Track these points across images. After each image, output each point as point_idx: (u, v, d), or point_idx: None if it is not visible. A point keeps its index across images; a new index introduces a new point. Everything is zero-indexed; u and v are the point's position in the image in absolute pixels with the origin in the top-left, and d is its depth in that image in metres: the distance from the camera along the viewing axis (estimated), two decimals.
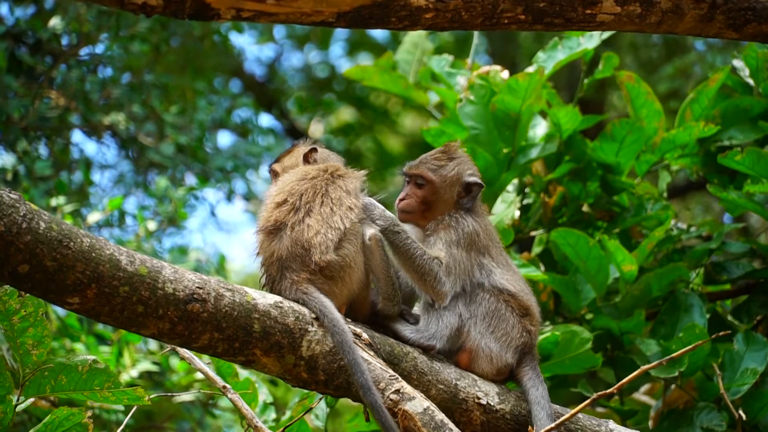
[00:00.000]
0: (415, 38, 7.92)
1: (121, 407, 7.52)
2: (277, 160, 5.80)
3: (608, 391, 4.71)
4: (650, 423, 6.89)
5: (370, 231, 5.30)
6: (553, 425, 4.86)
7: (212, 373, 5.56)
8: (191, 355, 5.51)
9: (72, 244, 4.65)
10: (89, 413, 5.15)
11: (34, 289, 4.68)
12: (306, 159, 5.68)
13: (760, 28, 5.47)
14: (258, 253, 5.31)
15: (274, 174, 5.72)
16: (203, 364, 5.59)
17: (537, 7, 5.30)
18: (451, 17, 5.22)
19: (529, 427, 4.97)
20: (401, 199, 5.60)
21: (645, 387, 7.46)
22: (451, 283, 5.40)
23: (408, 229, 5.54)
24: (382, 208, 5.42)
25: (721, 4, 5.44)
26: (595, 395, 4.66)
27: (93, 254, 4.69)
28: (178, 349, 5.45)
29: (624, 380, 4.72)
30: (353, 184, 5.40)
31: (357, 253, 5.24)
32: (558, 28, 5.39)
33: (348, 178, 5.40)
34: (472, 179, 5.60)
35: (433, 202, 5.58)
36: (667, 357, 4.81)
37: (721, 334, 5.17)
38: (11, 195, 4.60)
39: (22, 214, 4.58)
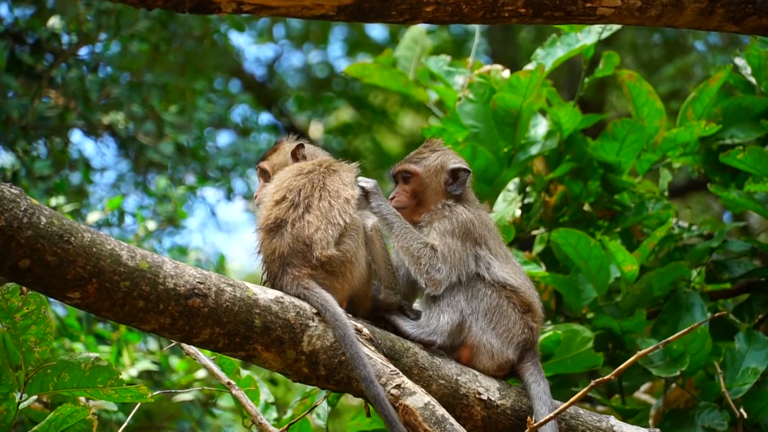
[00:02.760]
0: (415, 35, 7.92)
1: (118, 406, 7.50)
2: (263, 158, 5.80)
3: (605, 378, 4.70)
4: (650, 422, 6.88)
5: (371, 221, 5.32)
6: (552, 414, 4.85)
7: (217, 369, 5.56)
8: (196, 351, 5.52)
9: (73, 239, 4.65)
10: (93, 409, 5.14)
11: (35, 284, 4.67)
12: (294, 155, 5.70)
13: (760, 22, 5.47)
14: (259, 252, 5.32)
15: (263, 172, 5.72)
16: (208, 360, 5.59)
17: (537, 1, 5.30)
18: (452, 10, 5.21)
19: (528, 417, 4.95)
20: (391, 198, 5.64)
21: (645, 386, 7.44)
22: (446, 271, 5.41)
23: None
24: (382, 195, 5.46)
25: None
26: (593, 382, 4.65)
27: (94, 249, 4.68)
28: (184, 345, 5.46)
29: (620, 367, 4.71)
30: (348, 176, 5.42)
31: (358, 248, 5.25)
32: (558, 21, 5.39)
33: (343, 171, 5.43)
34: (456, 165, 5.66)
35: (421, 192, 5.63)
36: (663, 341, 4.78)
37: (716, 315, 5.15)
38: (12, 190, 4.60)
39: (23, 208, 4.57)
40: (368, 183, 5.49)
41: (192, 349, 5.51)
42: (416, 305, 5.60)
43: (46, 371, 4.98)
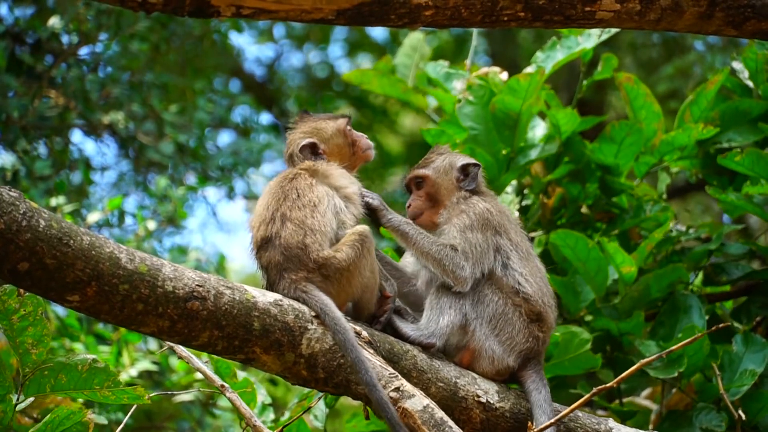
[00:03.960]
0: (413, 42, 7.92)
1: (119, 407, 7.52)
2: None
3: (607, 385, 4.70)
4: (650, 426, 6.88)
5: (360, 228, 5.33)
6: (552, 420, 4.86)
7: (210, 372, 5.55)
8: (189, 354, 5.52)
9: (72, 242, 4.65)
10: (90, 411, 5.14)
11: (33, 287, 4.67)
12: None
13: (759, 26, 5.49)
14: (257, 264, 5.33)
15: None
16: (201, 363, 5.58)
17: (536, 5, 5.32)
18: (451, 14, 5.23)
19: (529, 423, 4.97)
20: (408, 206, 5.70)
21: (646, 391, 7.45)
22: (470, 268, 5.42)
23: None
24: (388, 208, 5.50)
25: (720, 1, 5.45)
26: (594, 390, 4.66)
27: (93, 252, 4.69)
28: (176, 347, 5.46)
29: (623, 375, 4.72)
30: (307, 181, 5.38)
31: (360, 257, 5.23)
32: (557, 25, 5.41)
33: (300, 179, 5.39)
34: (465, 161, 5.73)
35: (435, 194, 5.67)
36: (666, 350, 4.79)
37: (720, 326, 5.14)
38: (11, 193, 4.59)
39: (21, 211, 4.57)
40: (373, 199, 5.50)
41: (185, 352, 5.52)
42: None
43: (43, 373, 4.97)
